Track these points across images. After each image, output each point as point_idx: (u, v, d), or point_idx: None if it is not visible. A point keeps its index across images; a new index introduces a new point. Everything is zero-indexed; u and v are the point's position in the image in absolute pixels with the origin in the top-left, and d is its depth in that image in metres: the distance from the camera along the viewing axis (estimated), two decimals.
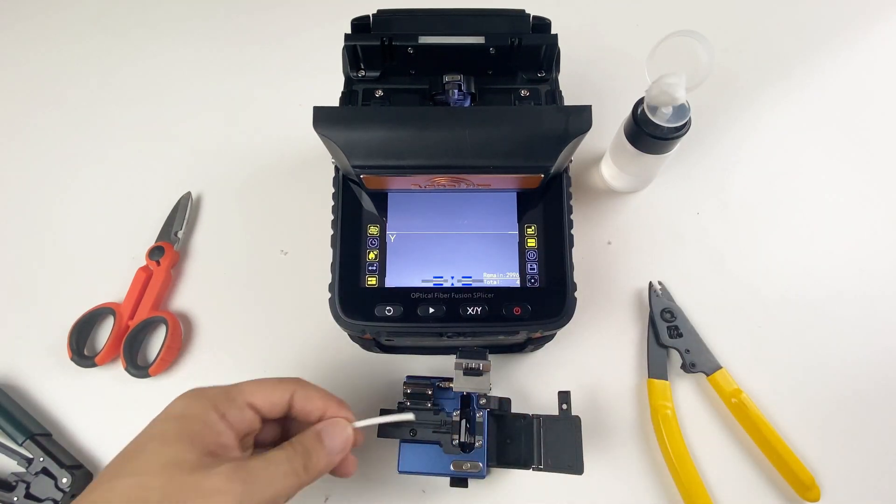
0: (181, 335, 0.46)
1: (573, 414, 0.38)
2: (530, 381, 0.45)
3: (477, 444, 0.37)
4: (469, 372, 0.36)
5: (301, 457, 0.30)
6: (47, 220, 0.51)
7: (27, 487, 0.41)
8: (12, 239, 0.51)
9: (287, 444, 0.31)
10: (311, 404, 0.33)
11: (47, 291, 0.48)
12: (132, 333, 0.45)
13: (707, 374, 0.43)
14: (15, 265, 0.50)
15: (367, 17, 0.39)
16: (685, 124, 0.41)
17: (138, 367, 0.44)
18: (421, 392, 0.38)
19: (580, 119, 0.31)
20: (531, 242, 0.37)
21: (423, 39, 0.37)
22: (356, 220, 0.37)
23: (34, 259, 0.50)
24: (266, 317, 0.47)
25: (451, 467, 0.37)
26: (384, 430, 0.38)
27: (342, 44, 0.38)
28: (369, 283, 0.36)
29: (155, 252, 0.47)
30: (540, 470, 0.38)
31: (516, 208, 0.37)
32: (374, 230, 0.37)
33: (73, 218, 0.51)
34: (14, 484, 0.41)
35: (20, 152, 0.54)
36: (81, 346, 0.45)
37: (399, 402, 0.38)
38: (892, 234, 0.49)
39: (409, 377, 0.40)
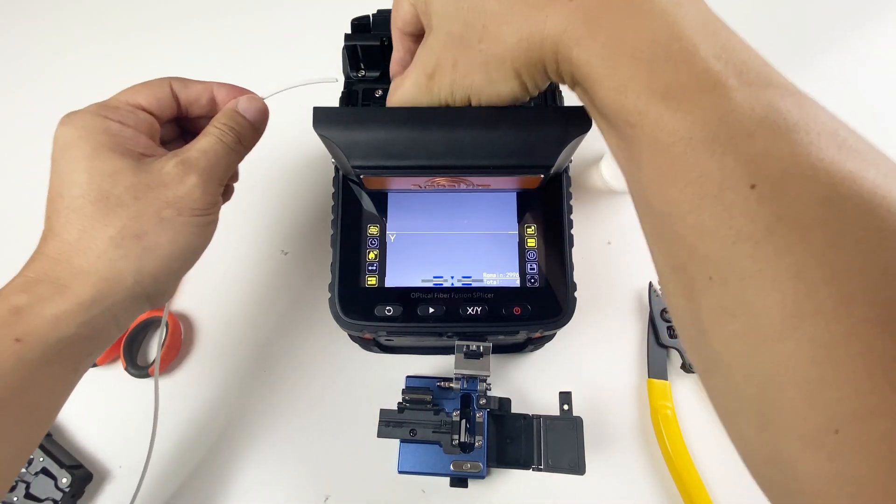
0: (181, 335, 0.46)
1: (575, 414, 0.39)
2: (530, 381, 0.45)
3: (477, 444, 0.37)
4: (469, 355, 0.36)
5: (230, 132, 0.31)
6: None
7: (27, 487, 0.41)
8: (13, 239, 0.51)
9: (210, 128, 0.31)
10: (192, 88, 0.32)
11: None
12: (132, 333, 0.45)
13: None
14: (15, 265, 0.49)
15: (367, 17, 0.39)
16: None
17: (138, 367, 0.44)
18: (420, 398, 0.38)
19: (580, 119, 0.31)
20: (531, 242, 0.37)
21: None
22: (356, 220, 0.37)
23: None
24: (266, 317, 0.47)
25: (451, 467, 0.37)
26: (384, 431, 0.38)
27: (342, 44, 0.38)
28: (369, 283, 0.36)
29: None
30: (540, 470, 0.38)
31: (516, 208, 0.37)
32: (374, 230, 0.37)
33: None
34: (14, 484, 0.41)
35: (20, 152, 0.54)
36: None
37: (399, 403, 0.38)
38: None
39: (409, 377, 0.40)
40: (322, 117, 0.30)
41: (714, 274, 0.19)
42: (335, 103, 0.39)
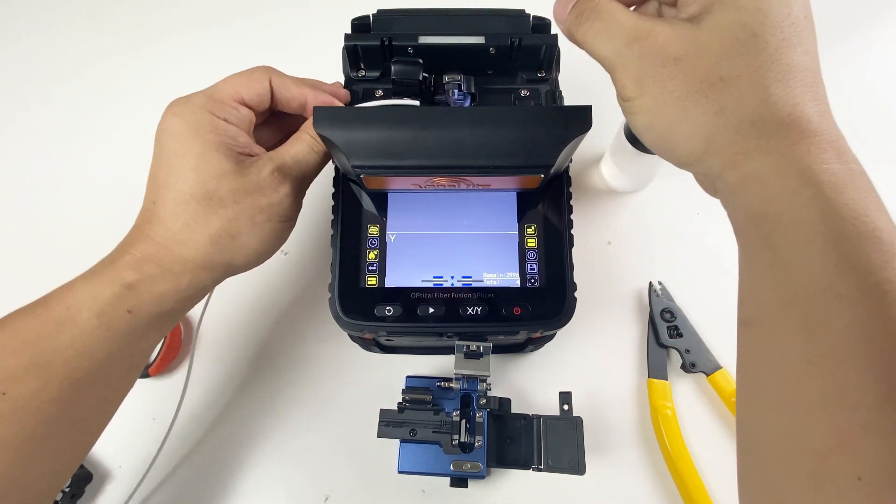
0: (181, 335, 0.46)
1: (575, 415, 0.39)
2: (530, 381, 0.45)
3: (477, 444, 0.37)
4: (469, 355, 0.36)
5: (320, 141, 0.33)
6: (48, 221, 0.51)
7: None
8: (13, 239, 0.51)
9: (303, 134, 0.34)
10: (288, 91, 0.35)
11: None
12: None
13: (707, 374, 0.43)
14: (15, 265, 0.50)
15: (367, 17, 0.39)
16: None
17: None
18: (420, 398, 0.38)
19: (580, 119, 0.31)
20: (531, 242, 0.37)
21: (423, 39, 0.37)
22: (356, 220, 0.37)
23: (34, 260, 0.50)
24: (266, 317, 0.47)
25: (451, 467, 0.37)
26: (384, 431, 0.38)
27: (342, 44, 0.38)
28: (369, 283, 0.36)
29: None
30: (540, 470, 0.38)
31: (516, 208, 0.37)
32: (374, 230, 0.37)
33: (75, 218, 0.51)
34: None
35: (20, 152, 0.54)
36: None
37: (399, 403, 0.38)
38: None
39: (409, 377, 0.40)
40: (323, 117, 0.30)
41: (866, 476, 0.19)
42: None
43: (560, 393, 0.39)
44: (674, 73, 0.24)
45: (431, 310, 0.35)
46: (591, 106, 0.32)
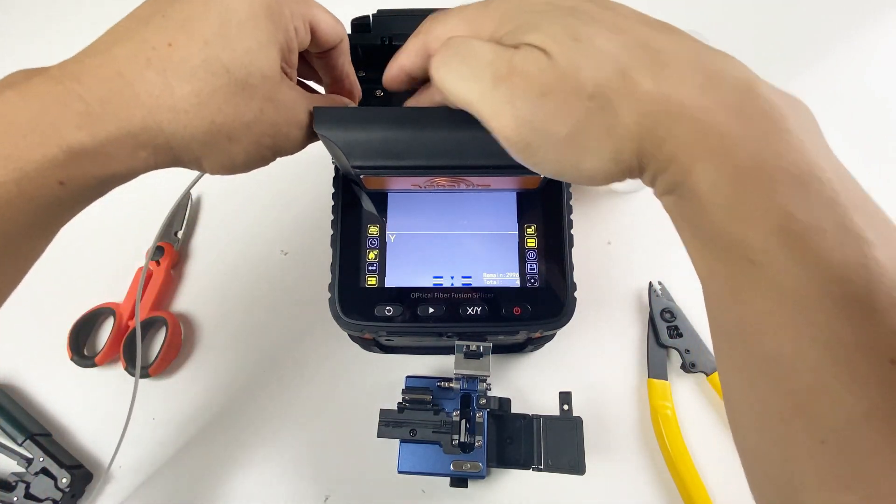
0: (181, 335, 0.46)
1: (575, 415, 0.39)
2: (530, 381, 0.45)
3: (477, 444, 0.37)
4: (469, 355, 0.36)
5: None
6: None
7: (27, 487, 0.41)
8: None
9: (334, 96, 0.32)
10: (341, 67, 0.32)
11: (47, 291, 0.48)
12: (132, 333, 0.45)
13: (707, 374, 0.43)
14: None
15: (367, 17, 0.39)
16: None
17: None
18: (420, 398, 0.38)
19: None
20: (531, 242, 0.37)
21: None
22: (356, 220, 0.37)
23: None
24: (266, 317, 0.47)
25: (451, 467, 0.37)
26: (384, 431, 0.38)
27: None
28: (369, 283, 0.36)
29: (155, 252, 0.47)
30: (540, 470, 0.38)
31: (516, 208, 0.37)
32: (373, 230, 0.37)
33: (73, 218, 0.51)
34: (14, 484, 0.41)
35: None
36: (81, 346, 0.45)
37: (399, 403, 0.38)
38: None
39: (409, 377, 0.40)
40: (323, 117, 0.30)
41: (829, 439, 0.18)
42: None
43: (560, 393, 0.39)
44: (550, 110, 0.21)
45: (431, 310, 0.35)
46: None
